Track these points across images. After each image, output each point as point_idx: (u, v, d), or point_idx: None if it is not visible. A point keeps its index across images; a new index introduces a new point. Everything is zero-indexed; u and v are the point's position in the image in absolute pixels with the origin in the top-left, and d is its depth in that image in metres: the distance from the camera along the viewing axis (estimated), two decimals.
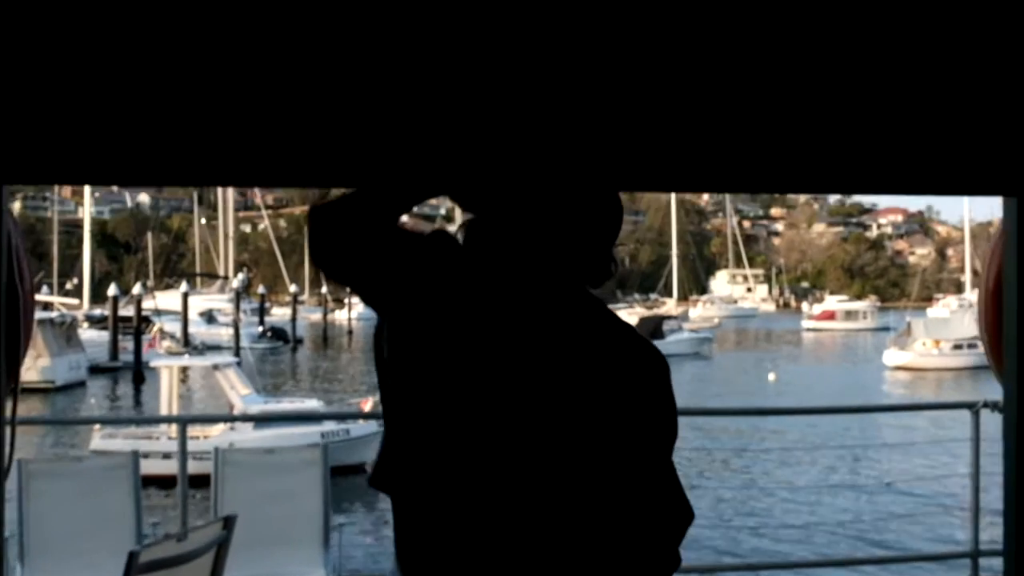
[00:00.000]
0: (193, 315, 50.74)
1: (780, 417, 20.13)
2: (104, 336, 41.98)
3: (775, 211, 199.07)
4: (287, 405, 21.36)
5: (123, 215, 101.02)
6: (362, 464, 19.54)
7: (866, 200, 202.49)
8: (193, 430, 19.96)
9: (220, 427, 19.65)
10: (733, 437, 20.50)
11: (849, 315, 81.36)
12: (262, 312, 59.61)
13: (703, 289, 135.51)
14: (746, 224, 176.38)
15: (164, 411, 19.73)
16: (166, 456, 13.32)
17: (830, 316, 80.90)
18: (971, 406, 5.32)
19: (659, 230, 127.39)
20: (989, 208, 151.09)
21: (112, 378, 37.53)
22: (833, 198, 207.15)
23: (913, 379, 39.26)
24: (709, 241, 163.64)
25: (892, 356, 43.63)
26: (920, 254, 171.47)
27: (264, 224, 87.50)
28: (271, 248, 76.04)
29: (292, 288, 59.32)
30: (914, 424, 20.10)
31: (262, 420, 16.77)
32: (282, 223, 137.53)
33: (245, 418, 18.22)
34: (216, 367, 20.39)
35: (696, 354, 51.00)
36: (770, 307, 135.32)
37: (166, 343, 43.15)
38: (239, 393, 19.83)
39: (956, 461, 12.51)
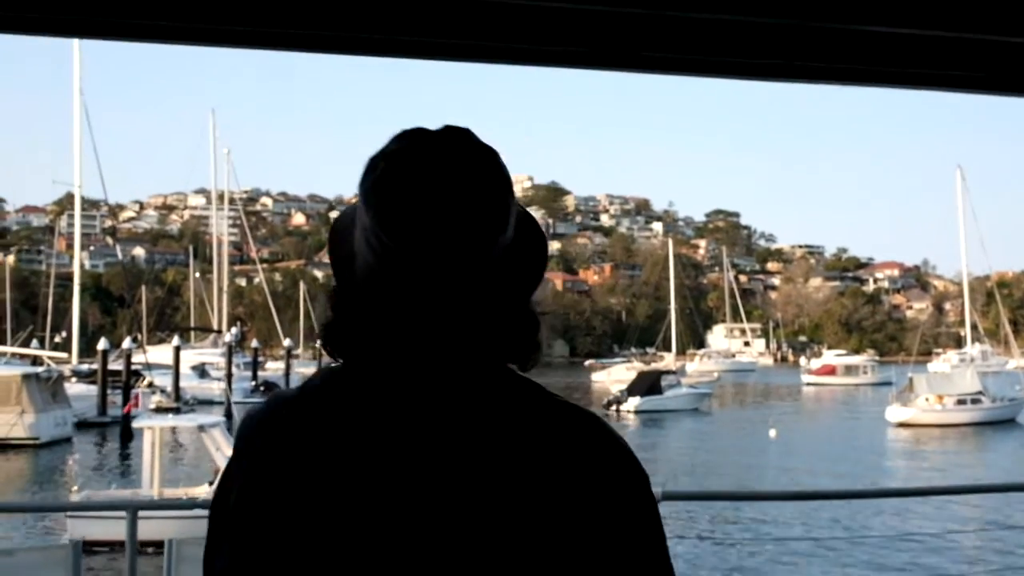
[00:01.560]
0: (185, 369, 50.07)
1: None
2: (93, 391, 41.20)
3: (771, 265, 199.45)
4: None
5: (117, 268, 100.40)
6: None
7: (862, 254, 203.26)
8: (175, 490, 19.36)
9: (205, 487, 18.95)
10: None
11: (849, 370, 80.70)
12: (255, 366, 58.83)
13: (700, 343, 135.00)
14: (743, 278, 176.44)
15: (147, 474, 18.96)
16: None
17: (830, 371, 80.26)
18: None
19: (656, 284, 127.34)
20: (987, 263, 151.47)
21: (100, 434, 36.73)
22: (828, 252, 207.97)
23: (917, 436, 38.51)
24: (706, 295, 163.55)
25: (895, 412, 42.90)
26: (918, 308, 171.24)
27: (259, 278, 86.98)
28: (266, 302, 75.42)
29: (286, 342, 58.58)
30: None
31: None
32: (277, 277, 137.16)
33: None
34: (202, 428, 19.71)
35: (695, 410, 50.30)
36: (768, 361, 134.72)
37: (156, 398, 42.50)
38: (224, 454, 19.12)
39: None
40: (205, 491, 18.70)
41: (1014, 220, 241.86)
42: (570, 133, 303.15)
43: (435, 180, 1.14)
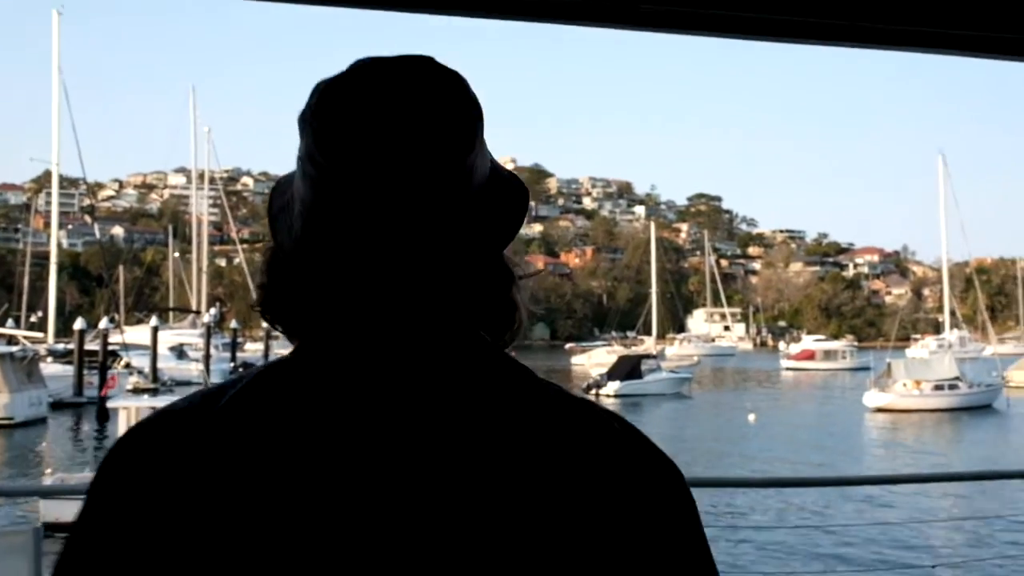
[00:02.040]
0: (163, 350, 49.66)
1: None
2: (69, 371, 40.84)
3: (752, 249, 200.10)
4: None
5: (95, 247, 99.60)
6: None
7: (843, 239, 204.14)
8: None
9: None
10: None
11: (828, 355, 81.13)
12: (234, 347, 58.48)
13: (681, 327, 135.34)
14: (724, 263, 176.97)
15: None
16: None
17: (809, 356, 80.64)
18: None
19: (637, 268, 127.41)
20: (967, 249, 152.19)
21: (75, 415, 36.37)
22: (809, 237, 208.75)
23: (895, 421, 38.70)
24: (687, 279, 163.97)
25: (872, 398, 43.10)
26: (896, 294, 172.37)
27: (239, 258, 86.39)
28: (245, 282, 74.97)
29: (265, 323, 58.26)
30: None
31: None
32: (257, 257, 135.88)
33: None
34: None
35: (676, 394, 50.40)
36: (747, 346, 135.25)
37: (133, 379, 42.20)
38: None
39: None
40: None
41: (992, 206, 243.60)
42: (553, 115, 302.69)
43: (386, 93, 0.93)
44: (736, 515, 17.64)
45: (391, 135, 0.91)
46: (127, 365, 42.73)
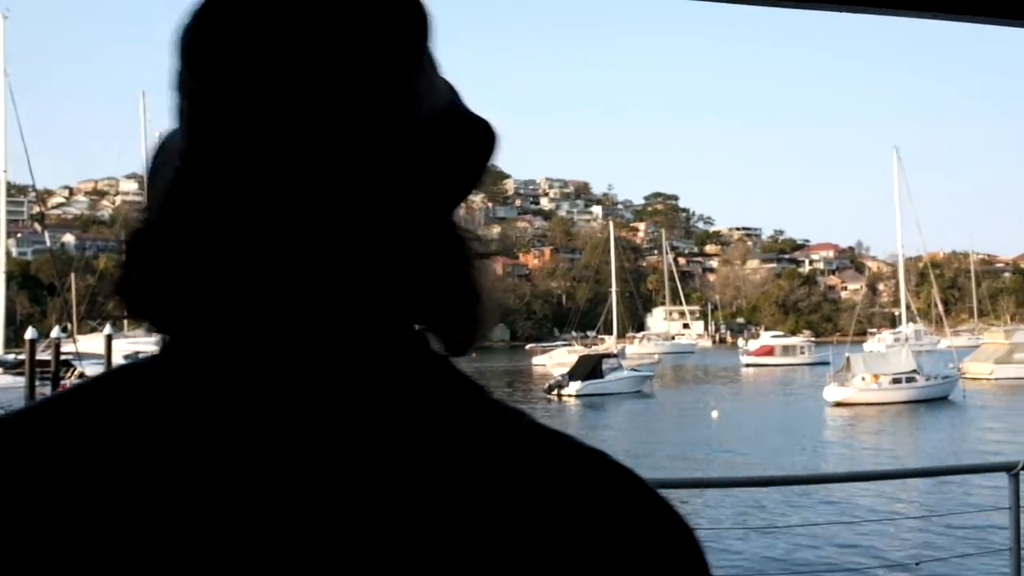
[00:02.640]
0: (118, 358, 48.80)
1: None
2: (21, 382, 39.93)
3: (710, 247, 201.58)
4: None
5: (46, 256, 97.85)
6: None
7: (798, 236, 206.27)
8: None
9: None
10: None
11: (786, 350, 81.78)
12: None
13: (640, 326, 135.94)
14: (682, 261, 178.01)
15: None
16: None
17: (768, 351, 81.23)
18: (1010, 468, 4.47)
19: (596, 267, 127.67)
20: (922, 243, 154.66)
21: None
22: (765, 234, 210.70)
23: (855, 414, 38.96)
24: (645, 278, 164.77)
25: (832, 392, 43.40)
26: (852, 289, 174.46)
27: None
28: None
29: None
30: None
31: None
32: None
33: None
34: None
35: (638, 392, 50.41)
36: (707, 343, 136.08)
37: None
38: None
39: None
40: None
41: (942, 200, 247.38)
42: (509, 115, 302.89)
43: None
44: (723, 517, 17.56)
45: (290, 44, 0.61)
46: (81, 375, 41.81)
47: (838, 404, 42.18)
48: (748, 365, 76.80)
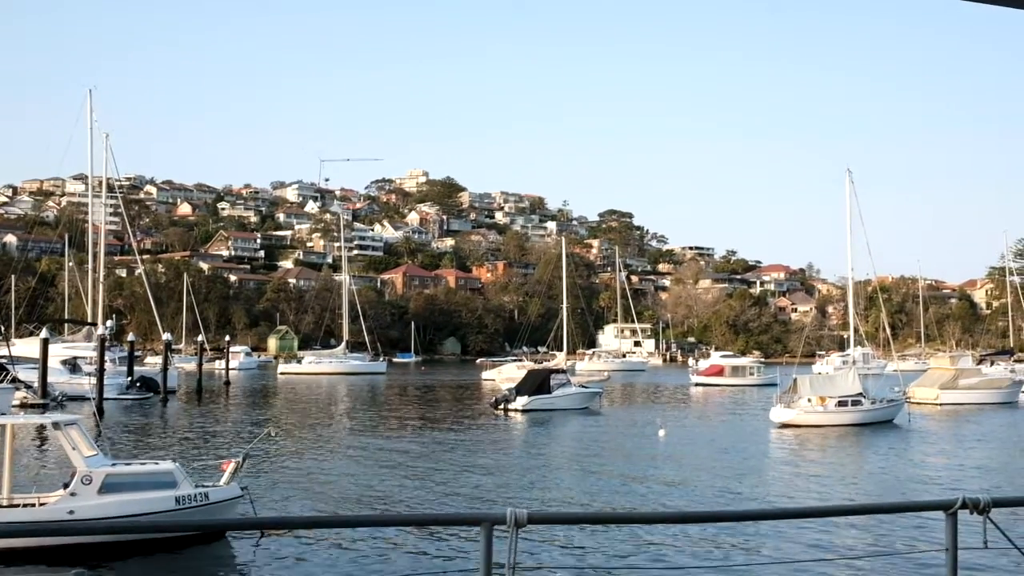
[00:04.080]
0: (56, 364, 47.57)
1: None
2: None
3: (663, 266, 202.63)
4: (137, 467, 19.16)
5: None
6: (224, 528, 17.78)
7: (750, 257, 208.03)
8: (28, 496, 17.89)
9: (60, 492, 17.54)
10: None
11: (736, 371, 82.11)
12: (131, 361, 56.32)
13: (592, 342, 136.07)
14: (634, 279, 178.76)
15: None
16: None
17: (718, 372, 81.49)
18: (947, 507, 4.11)
19: (549, 283, 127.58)
20: (872, 266, 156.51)
21: None
22: (718, 254, 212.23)
23: (799, 436, 38.92)
24: (598, 295, 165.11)
25: (778, 413, 43.45)
26: (802, 311, 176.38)
27: (140, 269, 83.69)
28: (147, 294, 72.53)
29: (165, 336, 56.22)
30: None
31: None
32: (160, 268, 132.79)
33: None
34: (56, 425, 18.19)
35: (586, 409, 50.14)
36: (657, 361, 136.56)
37: (20, 393, 40.09)
38: (82, 454, 17.72)
39: None
40: (59, 496, 17.33)
41: (894, 225, 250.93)
42: (466, 129, 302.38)
43: None
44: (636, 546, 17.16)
45: None
46: (14, 380, 40.64)
47: (783, 426, 42.24)
48: (698, 384, 76.93)
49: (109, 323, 56.02)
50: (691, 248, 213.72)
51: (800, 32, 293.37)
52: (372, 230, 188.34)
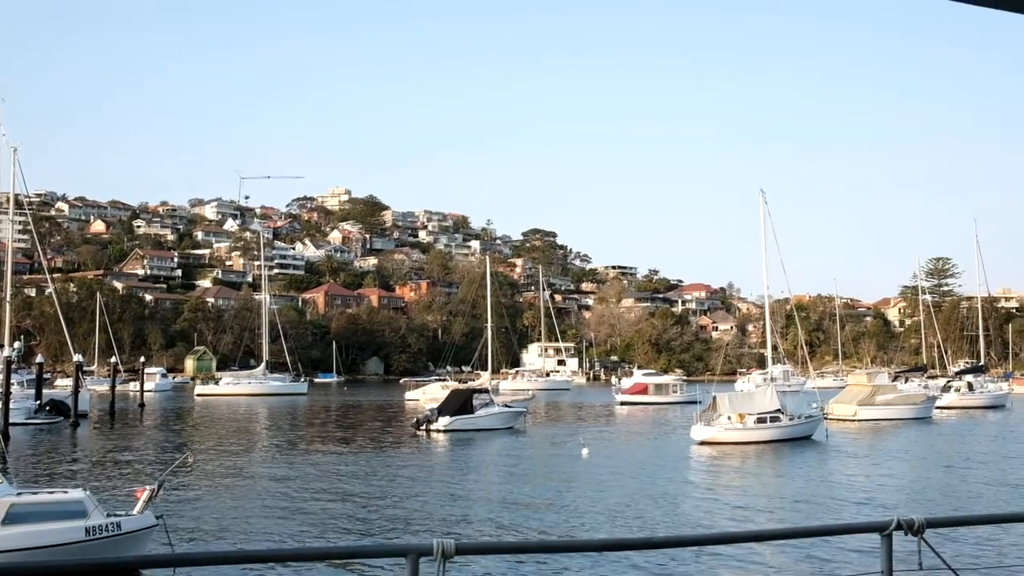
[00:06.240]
0: None
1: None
2: None
3: (586, 285, 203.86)
4: (45, 496, 18.32)
5: None
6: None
7: (672, 276, 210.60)
8: None
9: None
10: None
11: (659, 389, 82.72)
12: (39, 383, 54.43)
13: (516, 361, 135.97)
14: (558, 298, 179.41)
15: None
16: None
17: (642, 390, 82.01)
18: (882, 528, 3.97)
19: (472, 302, 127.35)
20: (787, 285, 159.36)
21: None
22: (640, 274, 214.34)
23: (718, 453, 39.29)
24: (522, 314, 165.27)
25: (698, 431, 43.82)
26: (723, 329, 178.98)
27: (50, 288, 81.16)
28: (57, 314, 70.28)
29: (76, 357, 54.50)
30: None
31: None
32: (72, 287, 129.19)
33: None
34: None
35: (510, 429, 49.89)
36: (581, 380, 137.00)
37: None
38: None
39: None
40: None
41: (810, 245, 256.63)
42: (389, 147, 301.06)
43: None
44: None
45: None
46: None
47: (703, 443, 42.62)
48: (623, 403, 77.30)
49: (17, 344, 54.06)
50: (614, 267, 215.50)
51: (717, 49, 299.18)
52: (293, 248, 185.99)
